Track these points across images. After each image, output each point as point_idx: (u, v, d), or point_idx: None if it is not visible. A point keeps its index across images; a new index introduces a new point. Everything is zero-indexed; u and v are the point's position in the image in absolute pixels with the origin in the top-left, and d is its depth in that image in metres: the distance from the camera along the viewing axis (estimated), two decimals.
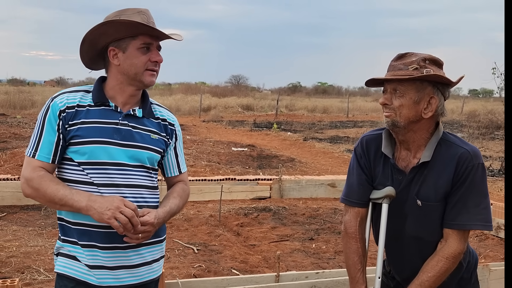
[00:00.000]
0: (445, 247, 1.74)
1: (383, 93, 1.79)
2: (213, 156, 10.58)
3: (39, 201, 1.76)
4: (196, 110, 25.25)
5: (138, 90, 1.84)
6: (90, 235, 1.72)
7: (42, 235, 5.15)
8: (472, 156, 1.72)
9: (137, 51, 1.76)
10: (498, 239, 5.60)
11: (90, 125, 1.74)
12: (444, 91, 1.75)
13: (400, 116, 1.73)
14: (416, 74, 1.69)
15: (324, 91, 58.73)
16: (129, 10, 1.76)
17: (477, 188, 1.72)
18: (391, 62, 1.78)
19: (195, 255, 4.73)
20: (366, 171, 1.88)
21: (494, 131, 19.03)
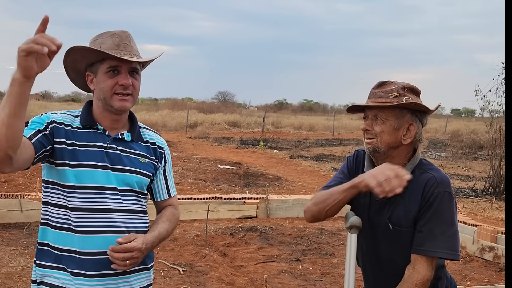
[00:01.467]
0: (413, 274, 1.75)
1: (364, 119, 1.86)
2: (199, 174, 10.53)
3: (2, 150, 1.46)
4: (182, 126, 25.19)
5: (117, 115, 1.79)
6: (78, 262, 1.69)
7: (25, 255, 5.05)
8: (438, 183, 1.76)
9: (104, 75, 1.73)
10: (482, 261, 5.65)
11: (78, 148, 1.72)
12: (422, 119, 1.84)
13: (381, 142, 1.80)
14: (396, 101, 1.76)
15: (310, 109, 59.14)
16: (105, 33, 1.76)
17: (443, 216, 1.74)
18: (371, 89, 1.86)
19: (181, 276, 4.68)
20: (348, 176, 1.93)
21: (477, 151, 19.31)
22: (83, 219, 1.70)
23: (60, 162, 1.70)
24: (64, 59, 1.76)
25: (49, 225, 1.74)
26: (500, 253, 5.57)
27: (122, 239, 1.68)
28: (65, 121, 1.75)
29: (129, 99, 1.76)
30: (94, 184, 1.71)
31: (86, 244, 1.68)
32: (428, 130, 31.31)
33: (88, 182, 1.70)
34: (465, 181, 11.97)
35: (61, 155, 1.70)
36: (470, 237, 5.94)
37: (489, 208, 8.94)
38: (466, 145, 20.06)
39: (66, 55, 1.75)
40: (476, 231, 5.93)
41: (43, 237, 1.76)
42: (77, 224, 1.69)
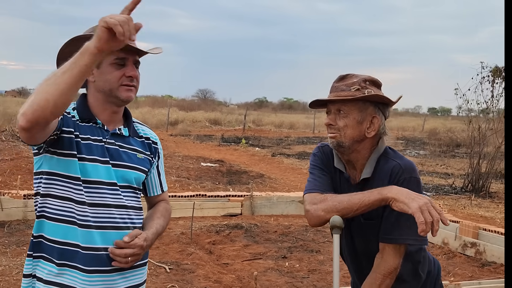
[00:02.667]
0: (381, 263, 1.74)
1: (327, 114, 1.83)
2: (182, 171, 10.46)
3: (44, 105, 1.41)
4: (163, 124, 24.99)
5: (118, 107, 1.78)
6: (76, 257, 1.65)
7: (6, 254, 4.94)
8: (403, 170, 1.74)
9: (111, 66, 1.69)
10: (465, 257, 5.74)
11: (82, 140, 1.68)
12: (384, 111, 1.81)
13: (344, 136, 1.77)
14: (359, 94, 1.74)
15: (290, 107, 59.41)
16: None
17: None
18: (333, 83, 1.83)
19: (167, 274, 4.64)
20: (327, 171, 1.89)
21: (454, 149, 19.66)
22: (88, 213, 1.66)
23: (68, 152, 1.65)
24: (61, 50, 1.70)
25: (46, 217, 1.69)
26: (482, 249, 5.68)
27: (128, 236, 1.65)
28: (70, 111, 1.71)
29: (133, 90, 1.74)
30: (97, 179, 1.68)
31: (89, 239, 1.64)
32: (406, 129, 31.74)
33: (92, 177, 1.67)
34: (444, 178, 12.17)
35: (69, 145, 1.65)
36: (453, 234, 6.04)
37: (469, 205, 9.11)
38: (444, 143, 20.40)
39: (66, 45, 1.69)
40: (458, 228, 6.03)
41: (38, 230, 1.71)
42: (82, 218, 1.65)
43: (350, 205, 1.70)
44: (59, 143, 1.66)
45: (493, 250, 5.55)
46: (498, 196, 10.14)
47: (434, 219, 1.56)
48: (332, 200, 1.75)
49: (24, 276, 1.74)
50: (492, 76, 10.48)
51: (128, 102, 1.76)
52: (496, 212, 8.57)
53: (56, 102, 1.42)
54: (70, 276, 1.65)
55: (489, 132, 10.53)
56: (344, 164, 1.86)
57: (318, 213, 1.75)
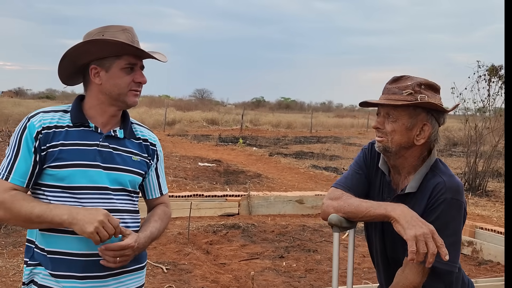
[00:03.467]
0: (400, 277, 1.68)
1: (377, 115, 1.75)
2: (179, 171, 10.46)
3: (13, 223, 1.68)
4: (160, 124, 24.97)
5: (119, 110, 1.78)
6: (68, 264, 1.64)
7: (3, 255, 4.93)
8: (447, 188, 1.65)
9: (121, 71, 1.70)
10: (461, 256, 5.74)
11: (69, 147, 1.66)
12: (438, 118, 1.72)
13: (391, 141, 1.70)
14: (410, 99, 1.65)
15: (287, 106, 59.39)
16: (113, 27, 1.71)
17: (445, 223, 1.63)
18: (386, 84, 1.74)
19: (164, 274, 4.63)
20: (365, 170, 1.85)
21: (451, 148, 19.69)
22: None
23: (52, 164, 1.65)
24: (74, 48, 1.69)
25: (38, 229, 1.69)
26: (479, 248, 5.70)
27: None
28: (52, 122, 1.69)
29: (139, 95, 1.77)
30: (86, 184, 1.66)
31: (81, 246, 1.63)
32: None
33: (80, 183, 1.65)
34: None
35: (52, 157, 1.65)
36: None
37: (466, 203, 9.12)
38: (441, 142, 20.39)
39: (81, 44, 1.68)
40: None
41: (31, 235, 1.72)
42: None
43: (357, 211, 1.70)
44: (44, 160, 1.66)
45: (490, 249, 5.56)
46: (495, 195, 10.18)
47: (429, 252, 1.52)
48: (344, 200, 1.75)
49: (24, 284, 1.72)
50: (488, 75, 10.51)
51: (133, 106, 1.78)
52: (493, 211, 8.59)
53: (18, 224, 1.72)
54: (64, 283, 1.65)
55: (486, 131, 10.55)
56: (389, 167, 1.80)
57: (328, 209, 1.77)
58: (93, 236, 1.55)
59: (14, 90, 60.95)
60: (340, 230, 1.77)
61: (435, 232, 1.56)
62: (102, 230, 1.55)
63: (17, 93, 57.62)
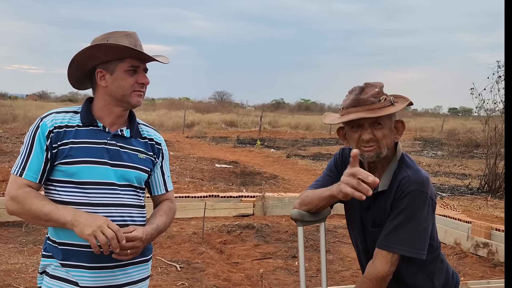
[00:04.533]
0: (369, 268, 1.75)
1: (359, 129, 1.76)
2: (196, 173, 10.58)
3: (23, 217, 1.78)
4: (179, 126, 25.21)
5: (125, 111, 1.88)
6: (77, 255, 1.74)
7: (23, 253, 5.09)
8: (411, 182, 1.73)
9: (125, 73, 1.81)
10: (477, 257, 5.71)
11: (79, 145, 1.77)
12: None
13: (383, 147, 1.77)
14: (387, 104, 1.76)
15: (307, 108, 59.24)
16: (117, 33, 1.81)
17: (410, 214, 1.71)
18: (354, 96, 1.76)
19: (178, 272, 4.72)
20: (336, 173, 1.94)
21: (473, 149, 19.39)
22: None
23: (62, 161, 1.76)
24: (80, 53, 1.79)
25: None
26: (494, 250, 5.64)
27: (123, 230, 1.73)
28: (63, 122, 1.79)
29: (142, 95, 1.88)
30: (94, 180, 1.76)
31: None
32: (424, 129, 31.40)
33: (88, 178, 1.76)
34: (461, 179, 12.04)
35: (63, 154, 1.76)
36: (465, 234, 6.00)
37: (485, 205, 9.01)
38: (463, 144, 20.11)
39: (87, 49, 1.78)
40: (470, 228, 5.99)
41: (48, 230, 1.83)
42: None
43: (313, 199, 1.85)
44: (55, 158, 1.77)
45: None
46: None
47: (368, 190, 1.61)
48: (305, 195, 1.91)
49: (39, 273, 1.85)
50: None
51: (137, 107, 1.88)
52: None
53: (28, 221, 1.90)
54: (73, 273, 1.74)
55: None
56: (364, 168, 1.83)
57: (295, 205, 1.93)
58: (90, 239, 1.64)
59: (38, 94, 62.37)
60: (303, 224, 1.92)
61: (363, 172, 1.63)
62: (100, 234, 1.64)
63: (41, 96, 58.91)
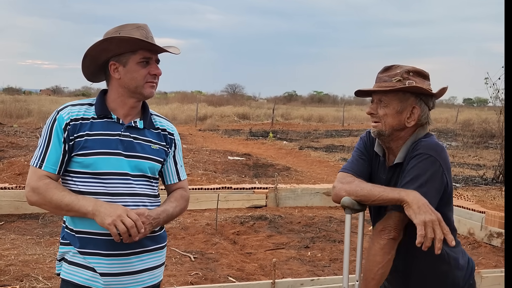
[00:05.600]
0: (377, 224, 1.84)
1: (371, 103, 1.92)
2: (209, 165, 10.64)
3: (44, 208, 1.82)
4: (192, 119, 25.32)
5: (138, 102, 1.92)
6: (94, 243, 1.79)
7: (40, 244, 5.19)
8: (421, 146, 1.79)
9: (137, 65, 1.84)
10: (490, 247, 5.69)
11: (94, 137, 1.82)
12: (427, 101, 1.87)
13: (384, 125, 1.86)
14: (399, 85, 1.80)
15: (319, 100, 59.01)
16: (128, 25, 1.85)
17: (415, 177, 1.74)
18: (378, 74, 1.91)
19: (192, 263, 4.79)
20: (367, 156, 1.98)
21: (488, 140, 19.18)
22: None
23: (79, 152, 1.80)
24: (93, 47, 1.83)
25: None
26: None
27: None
28: (79, 115, 1.84)
29: (155, 86, 1.91)
30: (109, 170, 1.81)
31: None
32: (439, 120, 31.10)
33: (103, 169, 1.80)
34: (476, 170, 11.94)
35: (79, 146, 1.81)
36: (478, 224, 5.98)
37: (499, 196, 8.93)
38: (477, 134, 19.93)
39: (100, 43, 1.82)
40: (484, 218, 5.96)
41: (66, 219, 1.88)
42: None
43: (369, 195, 1.80)
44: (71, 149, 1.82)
45: None
46: None
47: (436, 237, 1.63)
48: (356, 185, 1.86)
49: (58, 260, 1.90)
50: None
51: (150, 97, 1.91)
52: None
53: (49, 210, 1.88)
54: (91, 260, 1.79)
55: None
56: (384, 149, 1.95)
57: (340, 193, 1.88)
58: (111, 228, 1.69)
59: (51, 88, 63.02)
60: (352, 212, 1.89)
61: (442, 220, 1.67)
62: (120, 223, 1.69)
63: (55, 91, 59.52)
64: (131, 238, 1.72)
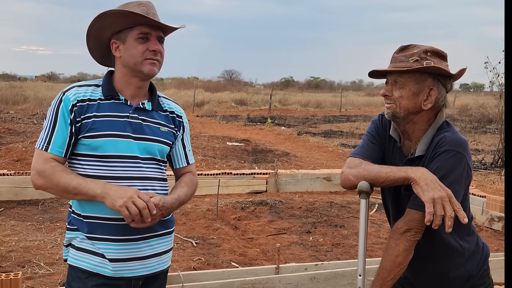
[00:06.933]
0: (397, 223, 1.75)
1: (385, 84, 1.82)
2: (208, 151, 10.60)
3: (50, 191, 1.77)
4: (189, 105, 25.20)
5: (143, 81, 1.85)
6: (103, 228, 1.75)
7: (41, 230, 5.17)
8: (447, 142, 1.70)
9: (135, 41, 1.77)
10: (491, 231, 5.70)
11: (101, 118, 1.76)
12: (445, 83, 1.76)
13: (399, 107, 1.75)
14: (416, 66, 1.70)
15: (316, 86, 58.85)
16: (131, 3, 1.79)
17: (443, 176, 1.65)
18: (393, 53, 1.80)
19: (194, 248, 4.77)
20: (379, 140, 1.90)
21: (485, 125, 19.21)
22: None
23: (86, 134, 1.75)
24: (91, 26, 1.78)
25: None
26: None
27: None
28: (86, 96, 1.78)
29: (157, 64, 1.81)
30: (118, 153, 1.76)
31: (113, 211, 1.71)
32: None
33: (112, 152, 1.75)
34: (474, 154, 11.95)
35: (86, 127, 1.75)
36: (479, 208, 5.98)
37: (498, 180, 8.96)
38: (475, 119, 19.94)
39: (95, 20, 1.77)
40: (485, 202, 5.96)
41: (72, 204, 1.83)
42: None
43: (377, 177, 1.72)
44: (78, 131, 1.76)
45: None
46: None
47: (446, 215, 1.55)
48: (363, 168, 1.78)
49: (65, 246, 1.86)
50: None
51: (151, 76, 1.83)
52: None
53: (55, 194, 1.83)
54: (99, 245, 1.75)
55: None
56: (399, 133, 1.86)
57: (348, 177, 1.80)
58: (122, 210, 1.65)
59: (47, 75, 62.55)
60: (367, 197, 1.80)
61: (453, 196, 1.58)
62: (131, 205, 1.64)
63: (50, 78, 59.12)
64: (143, 220, 1.68)
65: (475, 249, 1.86)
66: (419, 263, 1.83)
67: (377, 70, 1.82)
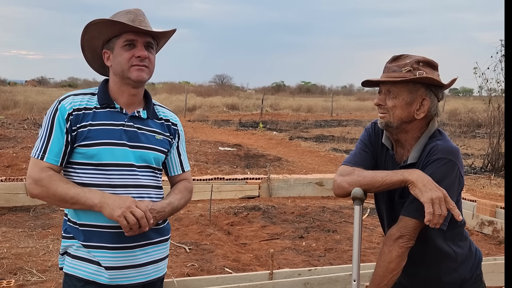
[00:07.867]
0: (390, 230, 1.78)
1: (378, 94, 1.84)
2: (200, 156, 10.60)
3: (47, 200, 1.78)
4: (181, 110, 25.16)
5: (135, 89, 1.85)
6: (99, 236, 1.75)
7: (33, 236, 5.13)
8: (439, 150, 1.73)
9: (121, 49, 1.80)
10: (482, 235, 5.75)
11: (97, 127, 1.77)
12: (437, 93, 1.80)
13: (393, 116, 1.78)
14: (409, 76, 1.74)
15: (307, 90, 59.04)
16: (120, 12, 1.82)
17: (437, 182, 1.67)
18: (386, 63, 1.83)
19: (187, 254, 4.77)
20: (371, 148, 1.93)
21: (475, 129, 19.40)
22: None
23: (81, 143, 1.76)
24: (81, 38, 1.81)
25: None
26: (499, 227, 5.68)
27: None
28: (82, 105, 1.80)
29: (145, 70, 1.82)
30: (113, 162, 1.77)
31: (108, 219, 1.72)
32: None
33: (107, 160, 1.76)
34: (464, 159, 12.06)
35: (82, 136, 1.76)
36: (470, 212, 6.05)
37: (488, 184, 9.05)
38: (464, 124, 20.13)
39: (83, 32, 1.79)
40: (475, 206, 6.02)
41: (68, 212, 1.84)
42: None
43: (373, 181, 1.75)
44: (74, 140, 1.77)
45: None
46: None
47: (441, 214, 1.61)
48: (357, 174, 1.80)
49: (61, 254, 1.86)
50: None
51: (140, 82, 1.82)
52: None
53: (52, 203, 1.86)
54: (95, 253, 1.76)
55: None
56: (392, 142, 1.88)
57: (342, 185, 1.82)
58: (121, 220, 1.66)
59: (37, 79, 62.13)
60: (361, 204, 1.82)
61: (448, 196, 1.64)
62: (130, 215, 1.66)
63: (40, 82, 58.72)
64: (141, 229, 1.69)
65: (468, 254, 1.89)
66: (412, 268, 1.85)
67: (371, 80, 1.85)
